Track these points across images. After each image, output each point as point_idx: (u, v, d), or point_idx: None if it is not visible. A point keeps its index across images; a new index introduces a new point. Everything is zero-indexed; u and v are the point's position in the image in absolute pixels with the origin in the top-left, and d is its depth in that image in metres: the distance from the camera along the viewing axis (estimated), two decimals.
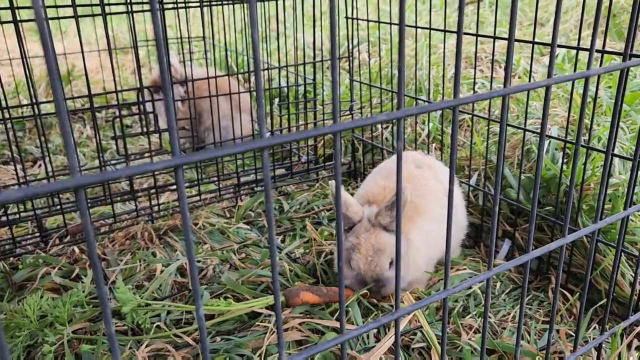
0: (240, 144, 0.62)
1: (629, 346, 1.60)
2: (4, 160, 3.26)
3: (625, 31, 4.06)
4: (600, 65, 1.88)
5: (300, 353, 0.79)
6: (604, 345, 1.54)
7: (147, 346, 1.61)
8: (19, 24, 1.97)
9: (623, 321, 1.44)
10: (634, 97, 2.66)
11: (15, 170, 2.09)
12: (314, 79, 2.87)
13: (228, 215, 2.55)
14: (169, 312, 1.79)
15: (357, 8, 2.69)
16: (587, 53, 1.31)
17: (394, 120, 0.73)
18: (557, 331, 1.71)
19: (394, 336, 1.57)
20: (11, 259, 2.15)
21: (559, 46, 1.86)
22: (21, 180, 2.14)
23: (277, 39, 3.13)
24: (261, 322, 1.73)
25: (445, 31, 2.25)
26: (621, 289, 1.80)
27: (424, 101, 2.51)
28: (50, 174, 2.20)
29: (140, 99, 2.17)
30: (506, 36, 0.87)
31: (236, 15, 3.28)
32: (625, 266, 1.83)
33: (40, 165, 3.18)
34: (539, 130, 2.13)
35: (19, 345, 1.63)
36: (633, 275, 1.77)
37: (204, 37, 3.15)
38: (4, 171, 3.08)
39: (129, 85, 4.38)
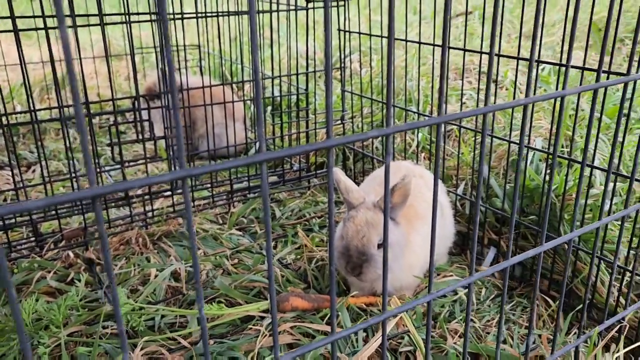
0: (241, 158, 0.68)
1: (608, 348, 1.67)
2: None
3: (609, 46, 4.17)
4: (581, 79, 1.96)
5: (291, 352, 0.84)
6: (582, 348, 1.61)
7: (141, 349, 1.65)
8: (18, 32, 2.01)
9: (599, 325, 1.51)
10: (615, 110, 2.75)
11: (12, 175, 2.13)
12: (307, 89, 2.93)
13: (221, 222, 2.60)
14: (163, 316, 1.83)
15: (349, 19, 2.77)
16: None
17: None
18: (540, 336, 1.78)
19: (380, 338, 1.63)
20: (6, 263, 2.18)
21: (540, 62, 1.95)
22: (18, 186, 2.17)
23: (271, 47, 3.19)
24: (253, 325, 1.78)
25: (434, 45, 2.33)
26: (600, 295, 1.87)
27: (414, 112, 2.58)
28: (47, 179, 2.24)
29: (136, 106, 2.21)
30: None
31: (230, 24, 3.33)
32: (604, 274, 1.91)
33: (34, 170, 3.21)
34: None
35: (15, 348, 1.66)
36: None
37: (198, 46, 3.20)
38: None
39: (123, 91, 4.42)
